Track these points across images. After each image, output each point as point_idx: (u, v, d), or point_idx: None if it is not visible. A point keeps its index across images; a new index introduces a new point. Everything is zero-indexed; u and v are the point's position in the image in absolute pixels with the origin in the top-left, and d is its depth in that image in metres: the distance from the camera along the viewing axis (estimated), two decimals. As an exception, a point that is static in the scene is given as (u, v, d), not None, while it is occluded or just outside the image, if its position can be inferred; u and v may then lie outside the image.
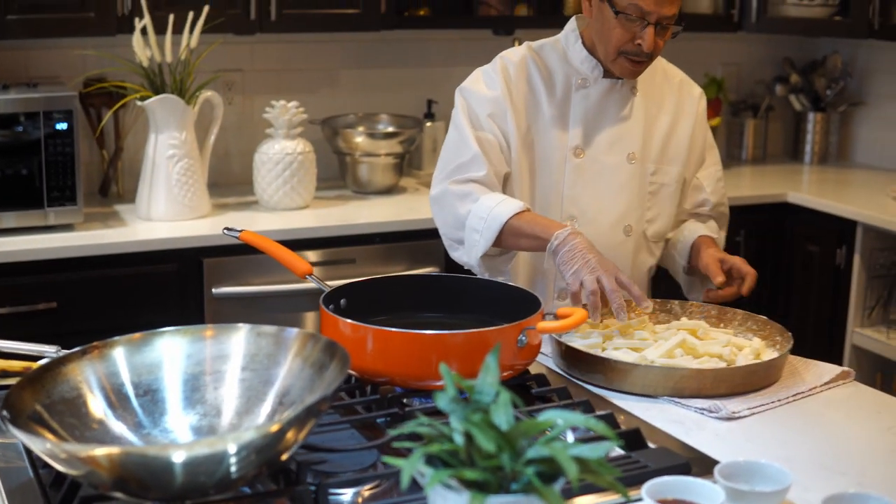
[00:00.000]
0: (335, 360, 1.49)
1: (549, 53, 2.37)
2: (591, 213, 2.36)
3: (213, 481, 1.34)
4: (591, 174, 2.36)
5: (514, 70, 2.33)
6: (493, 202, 2.21)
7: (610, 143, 2.36)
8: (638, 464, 1.56)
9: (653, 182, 2.41)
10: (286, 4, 3.51)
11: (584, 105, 2.33)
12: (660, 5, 2.17)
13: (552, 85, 2.34)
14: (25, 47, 3.52)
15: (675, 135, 2.43)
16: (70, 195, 3.15)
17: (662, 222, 2.44)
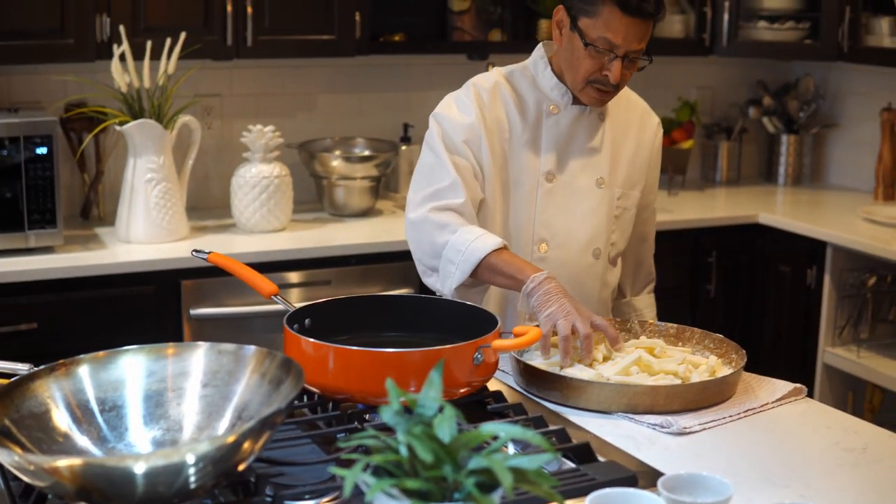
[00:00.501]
0: (290, 376, 1.55)
1: (519, 79, 2.43)
2: (562, 237, 2.41)
3: (172, 491, 1.39)
4: (562, 198, 2.42)
5: (488, 96, 2.38)
6: (471, 236, 2.25)
7: (580, 168, 2.43)
8: (585, 476, 1.62)
9: (618, 206, 2.48)
10: (262, 31, 3.57)
11: (556, 131, 2.40)
12: (628, 40, 2.24)
13: (524, 110, 2.40)
14: (7, 73, 3.58)
15: (636, 161, 2.51)
16: (50, 218, 3.21)
17: (621, 244, 2.53)
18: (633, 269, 2.65)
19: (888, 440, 1.90)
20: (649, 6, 2.23)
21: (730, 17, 4.18)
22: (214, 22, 3.51)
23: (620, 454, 1.77)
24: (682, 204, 4.20)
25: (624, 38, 2.23)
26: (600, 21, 2.23)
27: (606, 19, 2.23)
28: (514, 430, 1.31)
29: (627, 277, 2.65)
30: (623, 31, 2.22)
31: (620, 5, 2.21)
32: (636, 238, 2.60)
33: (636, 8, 2.21)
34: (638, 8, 2.21)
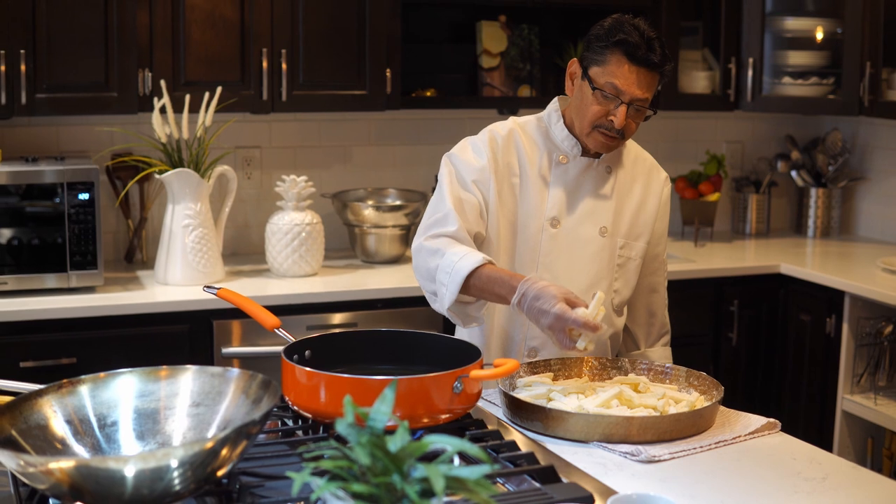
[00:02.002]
0: (268, 393, 1.69)
1: (533, 129, 2.58)
2: (562, 280, 2.52)
3: (156, 494, 1.54)
4: (566, 244, 2.54)
5: (502, 142, 2.53)
6: (456, 256, 2.36)
7: (585, 216, 2.55)
8: (545, 495, 1.73)
9: (621, 255, 2.60)
10: (297, 86, 3.77)
11: (564, 180, 2.53)
12: (633, 88, 2.40)
13: (535, 158, 2.54)
14: (56, 123, 3.82)
15: (642, 213, 2.62)
16: (91, 260, 3.41)
17: (626, 292, 2.62)
18: (646, 321, 2.74)
19: (850, 471, 1.99)
20: (655, 57, 2.39)
21: (754, 73, 4.29)
22: (251, 77, 3.72)
23: (586, 478, 1.87)
24: (707, 254, 4.29)
25: (629, 86, 2.39)
26: (608, 68, 2.40)
27: (614, 67, 2.39)
28: (457, 442, 1.44)
29: (641, 329, 2.74)
30: (629, 78, 2.38)
31: (628, 54, 2.38)
32: (646, 289, 2.70)
33: (642, 58, 2.38)
34: (644, 58, 2.38)
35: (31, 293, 3.39)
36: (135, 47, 3.54)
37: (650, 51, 2.39)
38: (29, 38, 3.41)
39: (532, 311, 2.23)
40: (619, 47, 2.39)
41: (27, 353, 3.27)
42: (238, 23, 3.68)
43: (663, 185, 2.69)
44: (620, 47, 2.39)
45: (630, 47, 2.39)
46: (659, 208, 2.67)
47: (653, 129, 4.69)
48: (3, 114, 3.44)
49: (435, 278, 2.41)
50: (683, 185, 4.57)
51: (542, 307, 2.20)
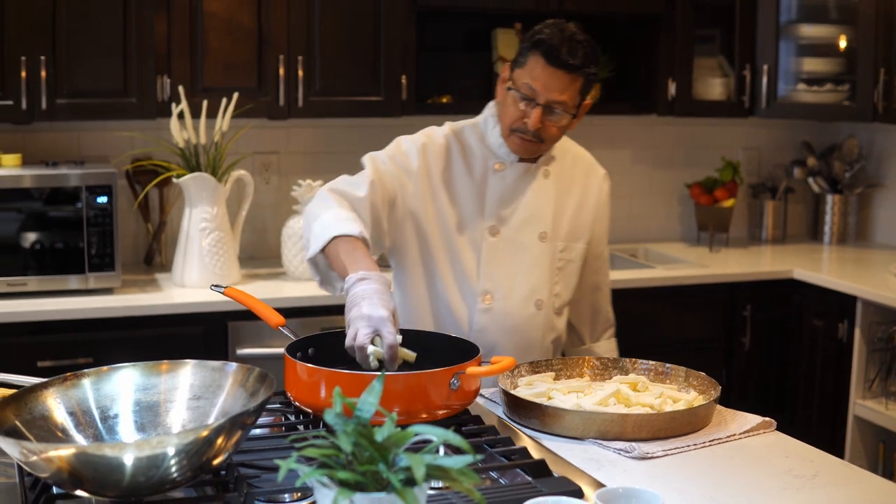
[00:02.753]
0: (264, 386, 1.73)
1: (469, 135, 2.56)
2: (504, 289, 2.54)
3: (153, 482, 1.59)
4: (506, 252, 2.54)
5: (437, 150, 2.52)
6: (340, 216, 2.27)
7: (523, 222, 2.55)
8: (535, 488, 1.77)
9: (561, 258, 2.60)
10: (313, 93, 3.83)
11: (501, 187, 2.53)
12: (549, 89, 2.37)
13: (470, 166, 2.53)
14: (78, 129, 3.89)
15: (581, 214, 2.63)
16: (109, 262, 3.48)
17: (566, 295, 2.64)
18: (590, 317, 2.75)
19: (841, 468, 2.01)
20: (573, 60, 2.35)
21: (768, 79, 4.31)
22: (268, 84, 3.78)
23: (578, 473, 1.90)
24: (721, 260, 4.31)
25: (544, 87, 2.36)
26: (527, 69, 2.38)
27: (532, 67, 2.37)
28: (440, 432, 1.48)
29: (585, 326, 2.76)
30: (544, 79, 2.36)
31: (545, 55, 2.35)
32: (589, 287, 2.71)
33: (559, 59, 2.34)
34: (561, 60, 2.34)
35: (49, 294, 3.46)
36: (153, 54, 3.61)
37: (570, 53, 2.35)
38: (49, 45, 3.49)
39: (348, 310, 2.12)
40: (537, 48, 2.37)
41: (45, 352, 3.34)
42: (255, 30, 3.74)
43: (602, 182, 2.68)
44: (539, 48, 2.36)
45: (548, 48, 2.35)
46: (598, 207, 2.66)
47: (669, 136, 4.73)
48: (24, 119, 3.51)
49: (312, 228, 2.33)
50: (699, 190, 4.60)
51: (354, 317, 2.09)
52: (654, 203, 4.77)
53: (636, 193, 4.74)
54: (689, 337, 4.08)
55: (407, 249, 2.53)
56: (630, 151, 4.71)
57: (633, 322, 3.97)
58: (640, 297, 4.00)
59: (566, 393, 2.28)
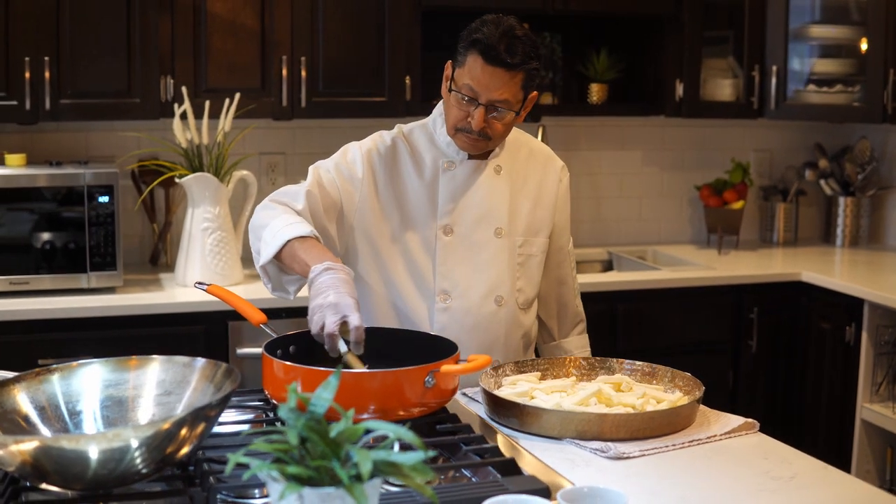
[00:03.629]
0: (229, 380, 1.74)
1: (418, 136, 2.54)
2: (462, 287, 2.51)
3: (116, 474, 1.59)
4: (461, 250, 2.52)
5: (385, 153, 2.50)
6: (289, 221, 2.29)
7: (477, 219, 2.52)
8: (501, 486, 1.76)
9: (521, 253, 2.57)
10: (316, 93, 3.83)
11: (452, 185, 2.50)
12: (489, 89, 2.34)
13: (421, 167, 2.51)
14: (86, 129, 3.92)
15: (540, 207, 2.60)
16: (111, 261, 3.50)
17: (530, 290, 2.61)
18: (557, 312, 2.72)
19: (820, 471, 1.99)
20: (511, 58, 2.32)
21: (777, 80, 4.28)
22: (271, 84, 3.79)
23: (549, 472, 1.89)
24: (729, 262, 4.28)
25: (485, 87, 2.33)
26: (466, 69, 2.35)
27: (471, 67, 2.34)
28: (392, 427, 1.47)
29: (553, 320, 2.73)
30: (485, 79, 2.33)
31: (483, 54, 2.32)
32: (554, 281, 2.69)
33: (498, 58, 2.31)
34: (499, 58, 2.31)
35: (51, 293, 3.49)
36: (157, 55, 3.63)
37: (508, 51, 2.32)
38: (53, 46, 3.51)
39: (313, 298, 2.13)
40: (475, 47, 2.34)
41: (46, 350, 3.36)
42: (258, 31, 3.75)
43: (560, 175, 2.64)
44: (476, 47, 2.33)
45: (485, 47, 2.32)
46: (558, 199, 2.63)
47: (680, 137, 4.70)
48: (28, 119, 3.54)
49: (261, 236, 2.33)
50: (708, 192, 4.57)
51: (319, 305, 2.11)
52: (664, 205, 4.74)
53: (646, 195, 4.72)
54: (695, 339, 4.05)
55: (360, 255, 2.51)
56: (640, 153, 4.69)
57: (640, 324, 3.97)
58: (646, 299, 3.98)
59: (549, 393, 2.27)
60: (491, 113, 2.38)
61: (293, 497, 1.42)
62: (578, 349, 2.73)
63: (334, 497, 1.42)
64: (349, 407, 1.98)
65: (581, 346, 2.74)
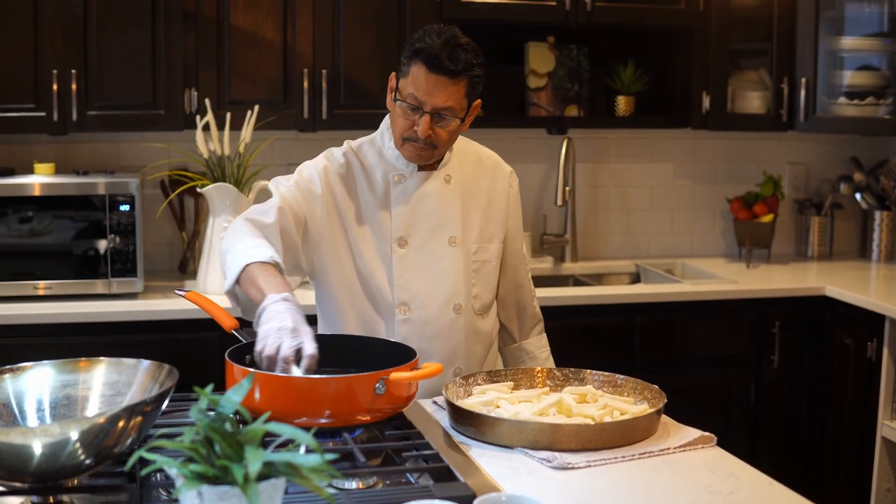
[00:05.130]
0: (170, 378, 1.81)
1: (367, 151, 2.59)
2: (421, 298, 2.55)
3: (56, 467, 1.67)
4: (417, 261, 2.55)
5: (337, 170, 2.55)
6: (251, 245, 2.32)
7: (431, 230, 2.56)
8: (427, 491, 1.80)
9: (476, 260, 2.61)
10: (337, 105, 3.91)
11: (403, 197, 2.54)
12: (434, 97, 2.38)
13: (372, 181, 2.55)
14: (117, 140, 4.05)
15: (492, 213, 2.63)
16: (131, 268, 3.61)
17: (487, 295, 2.64)
18: (516, 315, 2.76)
19: (764, 487, 1.98)
20: (453, 65, 2.36)
21: (807, 93, 4.23)
22: (293, 97, 3.88)
23: (484, 480, 1.92)
24: (755, 276, 4.25)
25: (429, 95, 2.38)
26: (410, 79, 2.40)
27: (415, 76, 2.39)
28: (289, 430, 1.52)
29: (513, 323, 2.76)
30: (428, 87, 2.37)
31: (426, 62, 2.37)
32: (511, 285, 2.72)
33: (440, 66, 2.36)
34: (441, 66, 2.36)
35: (73, 298, 3.61)
36: (181, 67, 3.74)
37: (451, 58, 2.36)
38: (80, 58, 3.64)
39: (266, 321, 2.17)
40: (418, 56, 2.38)
41: (66, 354, 3.44)
42: (280, 44, 3.84)
43: (509, 180, 2.68)
44: (419, 56, 2.38)
45: (427, 56, 2.36)
46: (509, 205, 2.67)
47: (712, 149, 4.68)
48: (56, 130, 3.68)
49: (224, 261, 2.38)
50: (738, 205, 4.53)
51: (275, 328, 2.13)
52: (696, 218, 4.72)
53: (678, 208, 4.70)
54: (717, 353, 4.03)
55: (324, 270, 2.56)
56: (672, 165, 4.67)
57: (660, 337, 3.95)
58: (667, 311, 3.97)
59: (515, 403, 2.30)
60: (436, 122, 2.42)
61: (193, 493, 1.48)
62: (538, 349, 2.77)
63: (231, 495, 1.47)
64: (304, 411, 2.08)
65: (540, 345, 2.78)
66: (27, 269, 3.58)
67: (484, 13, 4.03)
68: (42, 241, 3.58)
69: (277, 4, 3.83)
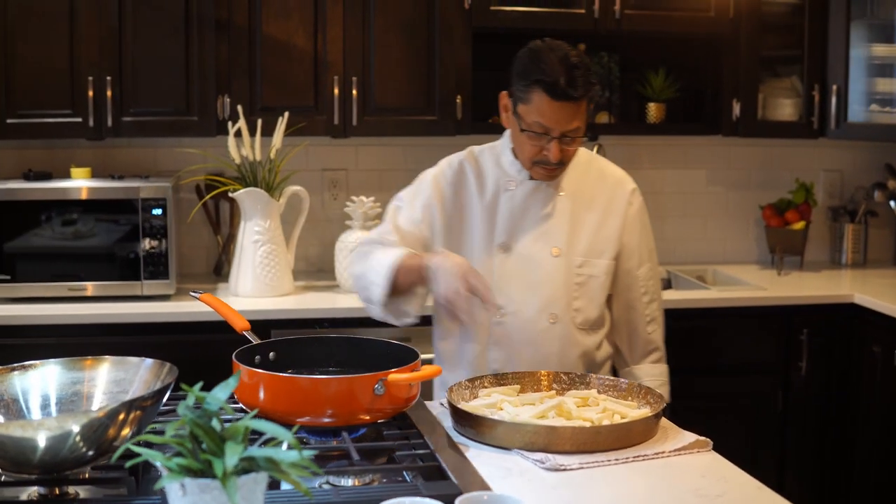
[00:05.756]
0: (170, 376, 1.88)
1: (486, 157, 2.66)
2: (517, 303, 2.60)
3: (58, 459, 1.75)
4: (517, 268, 2.60)
5: (451, 175, 2.63)
6: (383, 254, 2.49)
7: (534, 238, 2.61)
8: (416, 489, 1.85)
9: (580, 274, 2.62)
10: (368, 112, 3.98)
11: (510, 205, 2.60)
12: (560, 123, 2.43)
13: (483, 187, 2.62)
14: (154, 145, 4.16)
15: (604, 229, 2.64)
16: (164, 270, 3.70)
17: (591, 310, 2.65)
18: (627, 338, 2.74)
19: (752, 491, 2.00)
20: (575, 91, 2.40)
21: (837, 100, 4.22)
22: (324, 103, 3.95)
23: (476, 480, 1.96)
24: (784, 283, 4.24)
25: (556, 122, 2.42)
26: (533, 107, 2.43)
27: (538, 105, 2.42)
28: (268, 426, 1.58)
29: (624, 345, 2.75)
30: (553, 115, 2.42)
31: (548, 91, 2.40)
32: (623, 306, 2.72)
33: (563, 93, 2.39)
34: (564, 93, 2.39)
35: (107, 299, 3.71)
36: (213, 74, 3.83)
37: (570, 84, 2.39)
38: (115, 66, 3.75)
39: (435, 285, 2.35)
40: (538, 86, 2.41)
41: (97, 353, 3.57)
42: (311, 52, 3.92)
43: (629, 197, 2.67)
44: (540, 86, 2.40)
45: (547, 85, 2.40)
46: (626, 222, 2.66)
47: (745, 156, 4.68)
48: (92, 135, 3.79)
49: (367, 280, 2.50)
50: (770, 212, 4.53)
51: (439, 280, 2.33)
52: (730, 225, 4.72)
53: (711, 215, 4.70)
54: (744, 360, 4.03)
55: None
56: (705, 172, 4.68)
57: (686, 343, 3.96)
58: (693, 318, 3.97)
59: (518, 406, 2.34)
60: (565, 143, 2.47)
61: (176, 485, 1.54)
62: (648, 377, 2.72)
63: (212, 488, 1.53)
64: (307, 411, 2.14)
65: (651, 374, 2.73)
66: (61, 270, 3.69)
67: (513, 21, 4.07)
68: (76, 243, 3.69)
69: (308, 13, 3.90)
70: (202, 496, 1.53)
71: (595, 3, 4.07)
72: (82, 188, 3.67)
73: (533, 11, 4.07)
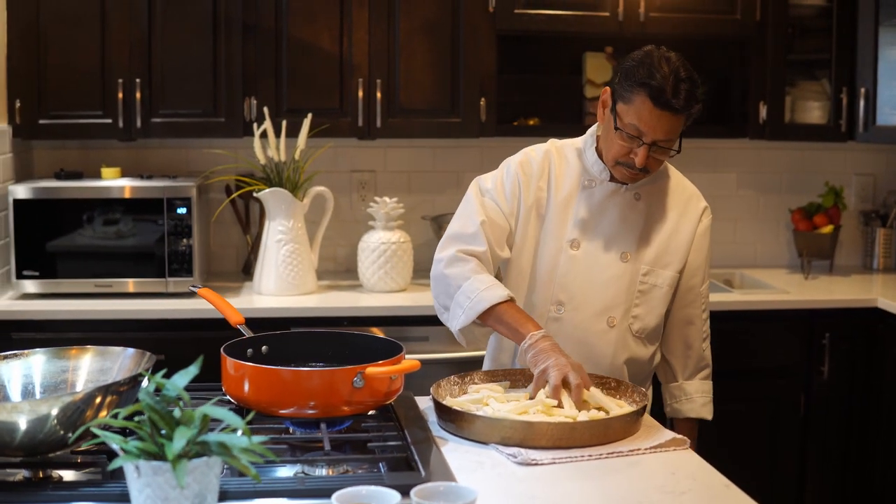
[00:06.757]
0: (148, 363, 1.97)
1: (568, 152, 2.66)
2: (577, 301, 2.60)
3: (36, 441, 1.83)
4: (584, 266, 2.60)
5: (535, 165, 2.63)
6: (482, 285, 2.47)
7: (606, 240, 2.60)
8: (381, 479, 1.89)
9: (644, 282, 2.61)
10: (392, 114, 4.04)
11: (588, 203, 2.60)
12: (655, 131, 2.43)
13: (562, 181, 2.62)
14: (185, 146, 4.26)
15: (674, 241, 2.63)
16: (187, 268, 3.80)
17: (649, 319, 2.64)
18: (682, 352, 2.72)
19: (719, 489, 2.00)
20: (677, 102, 2.39)
21: (866, 103, 4.19)
22: (349, 105, 4.02)
23: (442, 472, 1.99)
24: (808, 287, 4.22)
25: (651, 129, 2.42)
26: (633, 109, 2.43)
27: (638, 108, 2.42)
28: (220, 412, 1.64)
29: (677, 360, 2.73)
30: (651, 121, 2.41)
31: (652, 97, 2.39)
32: (681, 321, 2.70)
33: (665, 102, 2.38)
34: (667, 102, 2.38)
35: (132, 296, 3.81)
36: (240, 77, 3.92)
37: (674, 95, 2.38)
38: (145, 68, 3.86)
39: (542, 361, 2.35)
40: (643, 89, 2.40)
41: (123, 347, 3.68)
42: (337, 54, 3.99)
43: (701, 214, 2.67)
44: (645, 90, 2.39)
45: (654, 91, 2.39)
46: (694, 239, 2.65)
47: (776, 160, 4.66)
48: (122, 136, 3.90)
49: (454, 297, 2.52)
50: (799, 216, 4.50)
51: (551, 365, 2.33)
52: (760, 228, 4.70)
53: (741, 218, 4.69)
54: (766, 364, 4.02)
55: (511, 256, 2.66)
56: (734, 175, 4.67)
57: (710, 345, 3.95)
58: (716, 320, 3.92)
59: (504, 402, 2.37)
60: (654, 151, 2.47)
61: (132, 467, 1.61)
62: (698, 393, 2.72)
63: (164, 470, 1.60)
64: (291, 402, 2.20)
65: (700, 390, 2.73)
66: (87, 267, 3.80)
67: (537, 24, 4.10)
68: (103, 241, 3.80)
69: (334, 16, 3.98)
70: (155, 478, 1.60)
71: (620, 6, 4.09)
72: (111, 187, 3.78)
73: (557, 14, 4.10)
